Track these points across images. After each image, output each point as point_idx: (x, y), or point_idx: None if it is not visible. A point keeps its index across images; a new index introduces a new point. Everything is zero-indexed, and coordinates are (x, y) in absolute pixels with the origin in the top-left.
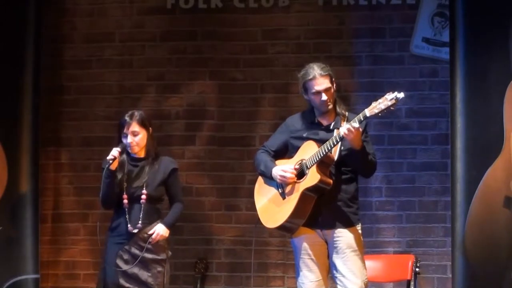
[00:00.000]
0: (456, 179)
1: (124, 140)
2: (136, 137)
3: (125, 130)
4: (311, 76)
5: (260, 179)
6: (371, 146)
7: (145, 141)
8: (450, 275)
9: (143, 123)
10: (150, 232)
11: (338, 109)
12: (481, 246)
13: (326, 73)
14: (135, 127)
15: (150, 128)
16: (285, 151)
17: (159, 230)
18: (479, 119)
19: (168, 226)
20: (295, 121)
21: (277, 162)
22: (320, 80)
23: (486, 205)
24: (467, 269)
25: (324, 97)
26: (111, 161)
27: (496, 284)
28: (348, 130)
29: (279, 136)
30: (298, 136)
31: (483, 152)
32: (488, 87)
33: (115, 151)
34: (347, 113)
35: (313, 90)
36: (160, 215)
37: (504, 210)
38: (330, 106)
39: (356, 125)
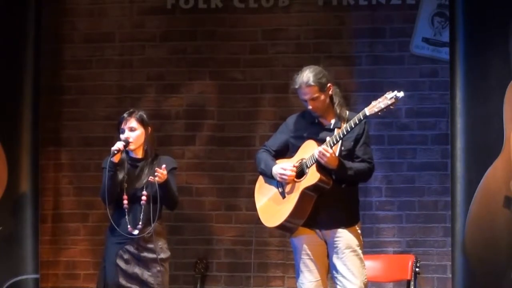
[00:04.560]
0: (456, 179)
1: (121, 136)
2: (133, 133)
3: (122, 126)
4: (297, 86)
5: (260, 178)
6: (369, 149)
7: (142, 139)
8: (450, 275)
9: (142, 121)
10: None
11: (338, 110)
12: (481, 246)
13: (313, 83)
14: (132, 123)
15: (149, 128)
16: (286, 151)
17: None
18: (479, 119)
19: (167, 179)
20: (295, 121)
21: (278, 161)
22: (305, 90)
23: (486, 205)
24: (467, 269)
25: (309, 106)
26: (116, 152)
27: (496, 284)
28: (321, 153)
29: (279, 136)
30: (298, 135)
31: (483, 152)
32: (488, 87)
33: (120, 144)
34: (347, 112)
35: (300, 98)
36: (160, 216)
37: (504, 210)
38: (319, 113)
39: (331, 150)
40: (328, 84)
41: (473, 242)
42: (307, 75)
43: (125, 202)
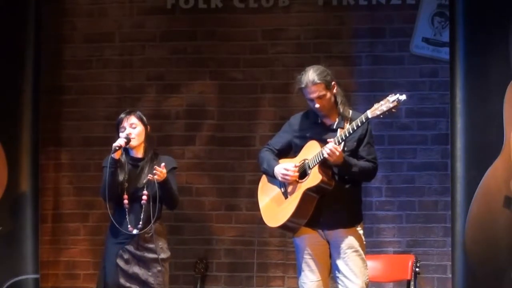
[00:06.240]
0: (456, 179)
1: (121, 135)
2: (134, 130)
3: (123, 124)
4: (303, 85)
5: (264, 178)
6: (373, 149)
7: (143, 136)
8: (450, 275)
9: (141, 119)
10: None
11: (341, 109)
12: (481, 246)
13: (320, 81)
14: (133, 119)
15: (148, 127)
16: (289, 151)
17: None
18: (479, 119)
19: (166, 178)
20: (298, 121)
21: (280, 161)
22: (312, 89)
23: (486, 205)
24: (467, 269)
25: (317, 105)
26: (117, 148)
27: (496, 284)
28: (331, 151)
29: (283, 135)
30: (301, 135)
31: (483, 152)
32: (488, 87)
33: (121, 140)
34: (350, 112)
35: (306, 97)
36: (160, 215)
37: (504, 210)
38: (325, 112)
39: (340, 149)
40: (333, 82)
41: (473, 242)
42: (312, 74)
43: (126, 201)
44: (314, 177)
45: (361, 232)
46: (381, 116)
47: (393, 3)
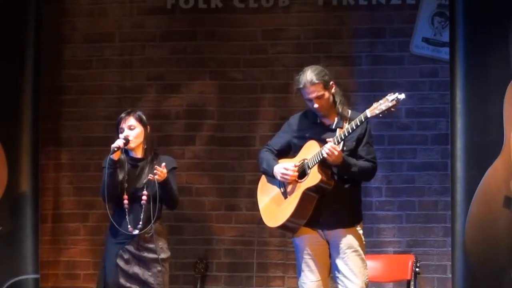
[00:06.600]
0: (456, 179)
1: (120, 136)
2: (133, 131)
3: (121, 125)
4: (301, 85)
5: (263, 178)
6: (372, 149)
7: (142, 137)
8: (450, 275)
9: (140, 120)
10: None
11: (340, 109)
12: (481, 246)
13: (318, 81)
14: (131, 121)
15: (148, 127)
16: (288, 151)
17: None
18: (479, 119)
19: (167, 178)
20: (298, 121)
21: (280, 161)
22: (310, 89)
23: (486, 205)
24: (467, 269)
25: (315, 105)
26: (115, 149)
27: (496, 284)
28: (330, 151)
29: (282, 135)
30: (300, 135)
31: (483, 152)
32: (488, 87)
33: (120, 141)
34: (349, 111)
35: (305, 97)
36: (160, 215)
37: (504, 210)
38: (324, 112)
39: (339, 148)
40: (331, 82)
41: (473, 242)
42: (310, 74)
43: (126, 202)
44: (314, 177)
45: (360, 232)
46: (380, 115)
47: (393, 3)
